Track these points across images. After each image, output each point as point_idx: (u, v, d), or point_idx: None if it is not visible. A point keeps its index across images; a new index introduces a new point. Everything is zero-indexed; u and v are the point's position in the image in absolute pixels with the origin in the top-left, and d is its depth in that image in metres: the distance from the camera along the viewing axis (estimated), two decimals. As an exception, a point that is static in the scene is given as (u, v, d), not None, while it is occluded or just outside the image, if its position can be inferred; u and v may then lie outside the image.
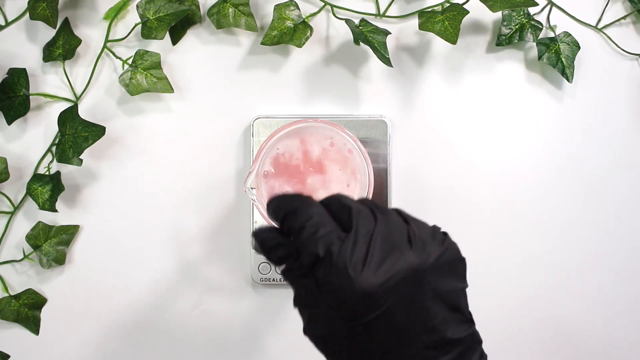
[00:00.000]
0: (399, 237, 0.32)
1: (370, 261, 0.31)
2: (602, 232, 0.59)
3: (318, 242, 0.32)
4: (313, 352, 0.60)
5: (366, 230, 0.32)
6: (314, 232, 0.32)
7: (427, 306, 0.31)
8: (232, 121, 0.59)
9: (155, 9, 0.55)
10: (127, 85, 0.56)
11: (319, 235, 0.32)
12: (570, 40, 0.58)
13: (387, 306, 0.31)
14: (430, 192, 0.59)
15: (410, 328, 0.31)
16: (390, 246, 0.31)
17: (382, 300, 0.30)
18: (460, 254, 0.34)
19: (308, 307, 0.34)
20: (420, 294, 0.31)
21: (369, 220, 0.32)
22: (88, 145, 0.55)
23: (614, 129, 0.60)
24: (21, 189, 0.58)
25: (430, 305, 0.32)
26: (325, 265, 0.31)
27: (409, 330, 0.31)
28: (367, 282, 0.30)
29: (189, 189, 0.59)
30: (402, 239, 0.32)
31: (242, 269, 0.59)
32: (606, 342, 0.60)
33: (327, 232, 0.32)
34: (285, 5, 0.56)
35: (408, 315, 0.31)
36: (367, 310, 0.31)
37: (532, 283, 0.59)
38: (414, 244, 0.32)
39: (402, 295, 0.31)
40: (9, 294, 0.58)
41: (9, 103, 0.56)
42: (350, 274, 0.30)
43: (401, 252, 0.31)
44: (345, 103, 0.59)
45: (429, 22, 0.54)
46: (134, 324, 0.59)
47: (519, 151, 0.59)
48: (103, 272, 0.59)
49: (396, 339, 0.31)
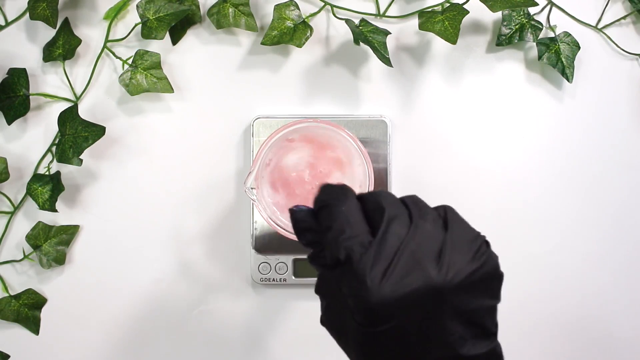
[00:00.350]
0: (428, 252, 0.30)
1: (391, 275, 0.30)
2: (602, 232, 0.59)
3: (340, 246, 0.31)
4: (313, 352, 0.60)
5: (394, 239, 0.31)
6: (338, 235, 0.31)
7: (444, 324, 0.30)
8: (232, 121, 0.59)
9: (155, 9, 0.55)
10: (127, 85, 0.56)
11: (343, 238, 0.31)
12: (570, 40, 0.58)
13: (400, 320, 0.30)
14: (430, 192, 0.58)
15: (423, 343, 0.31)
16: (415, 261, 0.30)
17: (396, 314, 0.30)
18: (498, 269, 0.32)
19: (327, 297, 0.34)
20: (438, 312, 0.30)
21: (401, 228, 0.31)
22: (88, 145, 0.55)
23: (614, 129, 0.60)
24: (21, 189, 0.58)
25: (447, 323, 0.30)
26: (345, 270, 0.31)
27: (421, 345, 0.31)
28: (383, 295, 0.29)
29: (189, 189, 0.59)
30: (430, 253, 0.30)
31: (242, 269, 0.59)
32: (606, 341, 0.60)
33: (351, 236, 0.31)
34: (285, 5, 0.56)
35: (421, 330, 0.30)
36: (380, 321, 0.30)
37: (531, 283, 0.59)
38: (442, 261, 0.30)
39: (417, 312, 0.30)
40: (9, 294, 0.58)
41: (9, 103, 0.56)
42: (367, 284, 0.29)
43: (424, 270, 0.30)
44: (345, 103, 0.59)
45: (429, 22, 0.54)
46: (134, 324, 0.59)
47: (519, 151, 0.59)
48: (103, 272, 0.59)
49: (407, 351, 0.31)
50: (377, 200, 0.33)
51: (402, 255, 0.30)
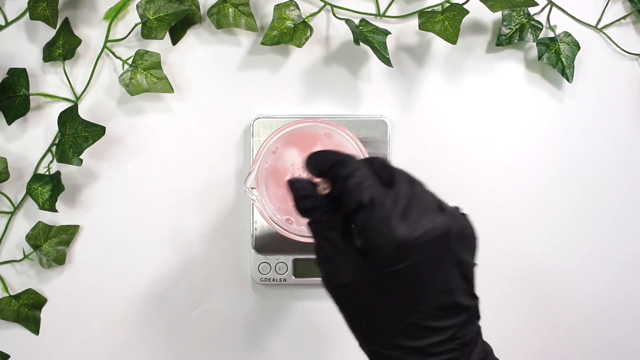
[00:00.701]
0: (432, 203, 0.35)
1: (410, 216, 0.33)
2: (602, 231, 0.59)
3: (363, 190, 0.34)
4: (313, 352, 0.60)
5: (406, 189, 0.35)
6: (361, 182, 0.35)
7: (449, 269, 0.34)
8: (232, 121, 0.59)
9: (155, 9, 0.55)
10: (127, 85, 0.56)
11: (365, 185, 0.34)
12: (570, 40, 0.58)
13: (416, 259, 0.33)
14: (430, 192, 0.59)
15: (430, 285, 0.34)
16: (427, 207, 0.34)
17: (414, 252, 0.33)
18: (475, 233, 0.36)
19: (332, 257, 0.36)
20: (445, 256, 0.34)
21: (410, 182, 0.36)
22: (88, 145, 0.55)
23: (614, 129, 0.60)
24: (21, 189, 0.58)
25: (451, 269, 0.34)
26: (367, 212, 0.34)
27: (428, 287, 0.34)
28: (405, 233, 0.33)
29: (189, 189, 0.59)
30: (433, 204, 0.35)
31: (242, 269, 0.59)
32: (606, 341, 0.60)
33: (372, 184, 0.35)
34: (285, 5, 0.56)
35: (431, 272, 0.34)
36: (399, 259, 0.33)
37: (531, 282, 0.59)
38: (444, 212, 0.34)
39: (431, 252, 0.33)
40: (9, 294, 0.58)
41: (9, 103, 0.56)
42: (390, 224, 0.33)
43: (434, 215, 0.34)
44: (345, 103, 0.59)
45: (429, 22, 0.54)
46: (134, 324, 0.59)
47: (519, 151, 0.59)
48: (103, 272, 0.59)
49: (415, 292, 0.34)
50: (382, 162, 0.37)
51: (416, 201, 0.34)
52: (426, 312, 0.34)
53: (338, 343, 0.59)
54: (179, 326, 0.59)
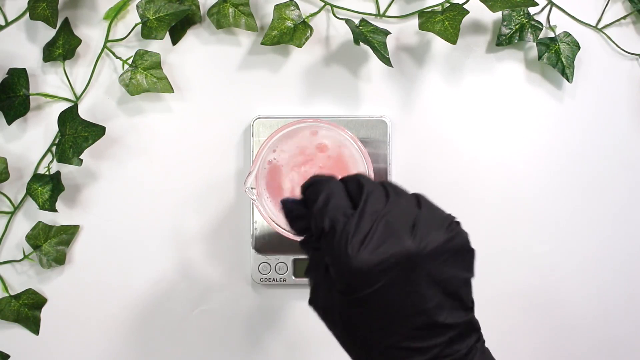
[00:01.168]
0: (403, 223, 0.33)
1: (369, 242, 0.32)
2: (602, 231, 0.59)
3: (325, 216, 0.34)
4: (313, 352, 0.60)
5: (373, 210, 0.34)
6: (324, 206, 0.34)
7: (421, 291, 0.33)
8: (232, 121, 0.59)
9: (155, 9, 0.55)
10: (127, 85, 0.56)
11: (327, 209, 0.34)
12: (570, 40, 0.58)
13: (380, 285, 0.32)
14: (430, 192, 0.58)
15: (402, 308, 0.33)
16: (391, 231, 0.33)
17: (375, 279, 0.32)
18: (468, 244, 0.35)
19: (315, 278, 0.37)
20: (414, 278, 0.33)
21: (379, 201, 0.34)
22: (88, 145, 0.55)
23: (614, 129, 0.60)
24: (21, 189, 0.58)
25: (424, 290, 0.33)
26: (328, 240, 0.34)
27: (400, 310, 0.33)
28: (362, 261, 0.32)
29: (189, 189, 0.59)
30: (405, 225, 0.33)
31: (242, 269, 0.59)
32: (606, 341, 0.60)
33: (335, 207, 0.34)
34: (285, 5, 0.56)
35: (400, 296, 0.33)
36: (361, 286, 0.33)
37: (531, 282, 0.59)
38: (416, 231, 0.33)
39: (395, 277, 0.32)
40: (9, 294, 0.58)
41: (9, 103, 0.56)
42: (348, 252, 0.32)
43: (399, 238, 0.32)
44: (345, 103, 0.59)
45: (429, 22, 0.54)
46: (134, 324, 0.59)
47: (519, 151, 0.59)
48: (103, 272, 0.59)
49: (388, 316, 0.33)
50: (357, 179, 0.36)
51: (379, 225, 0.33)
52: (404, 334, 0.33)
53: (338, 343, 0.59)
54: (179, 326, 0.59)
